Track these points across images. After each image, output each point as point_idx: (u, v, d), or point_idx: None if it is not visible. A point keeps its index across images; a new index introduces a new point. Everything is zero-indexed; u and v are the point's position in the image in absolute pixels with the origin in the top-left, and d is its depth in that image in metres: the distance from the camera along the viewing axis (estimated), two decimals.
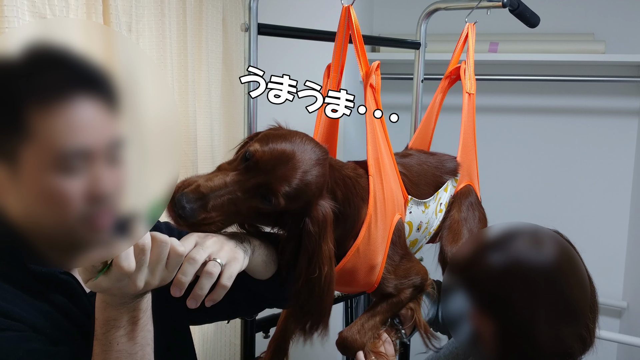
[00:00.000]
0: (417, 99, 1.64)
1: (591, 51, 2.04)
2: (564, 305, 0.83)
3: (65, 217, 0.63)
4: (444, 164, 1.29)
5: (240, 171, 0.83)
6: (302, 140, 0.88)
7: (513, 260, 0.86)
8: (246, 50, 1.17)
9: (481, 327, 0.86)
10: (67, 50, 0.62)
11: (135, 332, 0.67)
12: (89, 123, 0.62)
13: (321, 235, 0.87)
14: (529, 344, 0.81)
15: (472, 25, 1.44)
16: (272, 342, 1.19)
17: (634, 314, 2.18)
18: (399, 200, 1.10)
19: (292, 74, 1.86)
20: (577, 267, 0.86)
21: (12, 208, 0.64)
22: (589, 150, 2.25)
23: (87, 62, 0.62)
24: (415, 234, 1.18)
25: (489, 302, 0.84)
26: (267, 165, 0.82)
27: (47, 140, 0.61)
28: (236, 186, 0.81)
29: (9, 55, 0.60)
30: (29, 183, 0.62)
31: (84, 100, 0.62)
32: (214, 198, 0.79)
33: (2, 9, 1.02)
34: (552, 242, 0.88)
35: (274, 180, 0.82)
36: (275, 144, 0.84)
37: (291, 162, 0.83)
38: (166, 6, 1.44)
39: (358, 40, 1.11)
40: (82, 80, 0.62)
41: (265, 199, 0.82)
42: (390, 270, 1.07)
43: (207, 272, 0.72)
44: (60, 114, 0.61)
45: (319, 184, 0.87)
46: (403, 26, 2.21)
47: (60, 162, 0.61)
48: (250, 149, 0.83)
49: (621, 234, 2.25)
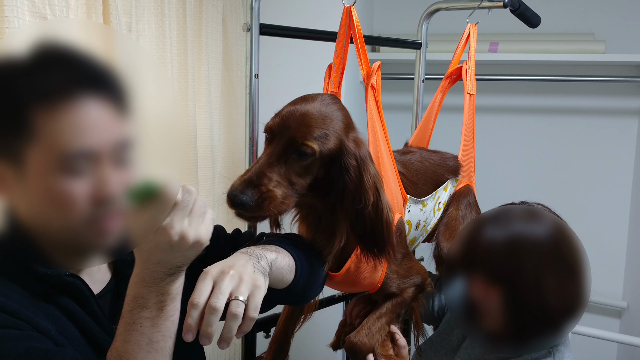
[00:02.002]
0: (417, 99, 1.64)
1: (591, 51, 2.04)
2: (566, 264, 0.90)
3: (71, 219, 0.63)
4: (447, 162, 1.29)
5: (266, 147, 0.89)
6: (305, 98, 0.92)
7: (516, 231, 0.92)
8: (247, 50, 1.17)
9: (486, 300, 0.91)
10: (72, 50, 0.61)
11: (160, 319, 0.66)
12: (95, 123, 0.62)
13: (360, 166, 0.90)
14: (537, 304, 0.87)
15: (474, 25, 1.44)
16: (272, 342, 1.19)
17: (634, 314, 2.18)
18: (399, 199, 1.10)
19: (292, 74, 1.87)
20: (571, 230, 0.94)
21: (18, 208, 0.64)
22: (589, 150, 2.25)
23: (92, 61, 0.61)
24: (414, 232, 1.18)
25: (497, 272, 0.90)
26: (282, 128, 0.87)
27: (52, 141, 0.60)
28: (269, 158, 0.86)
29: (13, 55, 0.59)
30: (34, 184, 0.62)
31: (90, 100, 0.61)
32: (257, 176, 0.84)
33: (2, 9, 1.01)
34: (544, 213, 0.97)
35: (295, 133, 0.87)
36: (282, 111, 0.91)
37: (301, 113, 0.88)
38: (166, 6, 1.44)
39: (359, 41, 1.11)
40: (87, 80, 0.62)
41: (300, 153, 0.87)
42: (393, 269, 1.07)
43: (232, 314, 0.70)
44: (65, 114, 0.60)
45: (340, 117, 0.92)
46: (404, 26, 2.21)
47: (66, 163, 0.61)
48: (265, 129, 0.90)
49: (621, 234, 2.25)
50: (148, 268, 0.65)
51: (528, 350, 0.94)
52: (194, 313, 0.68)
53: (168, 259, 0.64)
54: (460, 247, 0.98)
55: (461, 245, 0.98)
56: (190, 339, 0.69)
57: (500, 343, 0.94)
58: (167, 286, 0.67)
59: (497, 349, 0.98)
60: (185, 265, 0.67)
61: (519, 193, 2.28)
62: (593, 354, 2.24)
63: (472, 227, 1.02)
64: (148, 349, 0.64)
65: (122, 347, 0.65)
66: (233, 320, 0.70)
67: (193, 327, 0.69)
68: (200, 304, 0.68)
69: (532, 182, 2.31)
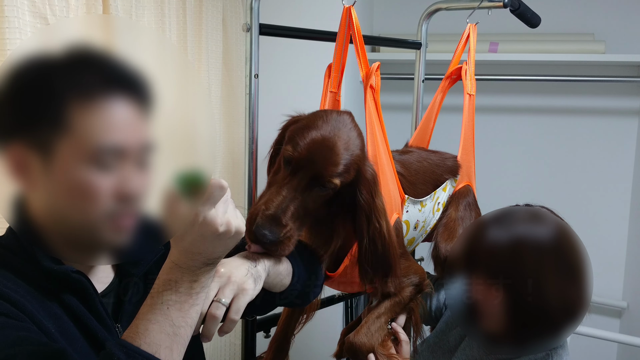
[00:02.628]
0: (417, 99, 1.64)
1: (591, 51, 2.04)
2: (568, 267, 0.90)
3: (91, 213, 0.65)
4: (446, 162, 1.29)
5: (289, 177, 0.87)
6: (326, 119, 0.91)
7: (519, 233, 0.92)
8: (247, 51, 1.17)
9: (487, 301, 0.91)
10: (108, 51, 0.64)
11: (187, 304, 0.66)
12: (125, 123, 0.65)
13: (373, 193, 0.92)
14: (538, 306, 0.86)
15: (474, 26, 1.44)
16: (272, 342, 1.19)
17: (634, 314, 2.18)
18: (397, 199, 1.10)
19: (292, 74, 1.87)
20: (574, 233, 0.95)
21: (36, 200, 0.67)
22: (589, 150, 2.25)
23: (126, 64, 0.64)
24: (412, 233, 1.18)
25: (499, 273, 0.89)
26: (308, 161, 0.86)
27: (84, 135, 0.63)
28: (293, 192, 0.86)
29: (53, 51, 0.62)
30: (60, 175, 0.64)
31: (121, 101, 0.65)
32: (283, 212, 0.84)
33: (2, 9, 1.02)
34: (547, 215, 0.97)
35: (322, 169, 0.86)
36: (305, 138, 0.88)
37: (327, 147, 0.87)
38: (166, 6, 1.44)
39: (359, 42, 1.11)
40: (120, 81, 0.65)
41: (323, 187, 0.87)
42: None
43: (210, 315, 0.72)
44: (99, 111, 0.63)
45: (358, 145, 0.92)
46: (404, 26, 2.21)
47: (95, 156, 0.64)
48: (286, 155, 0.87)
49: (621, 234, 2.25)
50: (187, 257, 0.65)
51: (527, 352, 0.94)
52: None
53: (211, 249, 0.65)
54: (462, 247, 0.98)
55: (463, 246, 0.98)
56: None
57: (500, 344, 0.94)
58: (201, 275, 0.67)
59: (496, 350, 0.98)
60: (223, 255, 0.68)
61: (518, 193, 2.29)
62: (593, 354, 2.24)
63: (474, 227, 1.02)
64: (168, 331, 0.65)
65: (143, 325, 0.65)
66: (211, 321, 0.72)
67: None
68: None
69: (532, 182, 2.31)
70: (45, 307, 0.70)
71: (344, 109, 0.97)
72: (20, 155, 0.64)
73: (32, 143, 0.64)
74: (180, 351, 0.66)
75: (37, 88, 0.63)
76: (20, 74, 0.63)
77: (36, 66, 0.63)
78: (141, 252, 0.81)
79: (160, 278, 0.67)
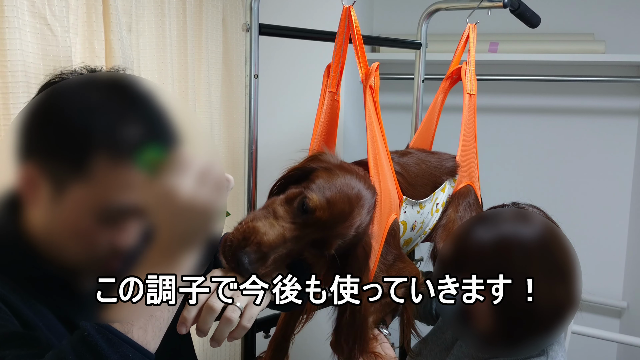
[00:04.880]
0: (417, 99, 1.64)
1: (591, 51, 2.04)
2: (555, 266, 0.89)
3: (84, 255, 0.65)
4: (444, 163, 1.29)
5: (299, 225, 0.82)
6: (358, 189, 0.87)
7: (504, 233, 0.92)
8: (247, 51, 1.17)
9: (476, 302, 0.89)
10: (151, 102, 0.62)
11: None
12: (144, 182, 0.61)
13: (363, 270, 0.90)
14: (526, 306, 0.85)
15: (474, 26, 1.44)
16: (272, 342, 1.19)
17: (634, 314, 2.18)
18: (395, 200, 1.10)
19: (292, 74, 1.87)
20: (561, 232, 0.94)
21: (36, 220, 0.65)
22: (589, 150, 2.25)
23: (163, 119, 0.62)
24: (409, 233, 1.18)
25: (486, 273, 0.88)
26: (326, 224, 0.82)
27: (101, 189, 0.61)
28: (294, 242, 0.81)
29: (98, 89, 0.61)
30: (66, 215, 0.63)
31: None
32: (274, 254, 0.79)
33: (2, 9, 1.01)
34: (533, 214, 0.97)
35: (331, 237, 0.83)
36: (333, 196, 0.84)
37: (349, 219, 0.84)
38: (166, 6, 1.44)
39: (358, 42, 1.11)
40: (154, 139, 0.62)
41: (318, 250, 0.84)
42: (383, 269, 1.07)
43: (226, 319, 0.71)
44: (124, 170, 0.60)
45: (366, 230, 0.89)
46: (404, 26, 2.21)
47: (105, 212, 0.62)
48: (309, 204, 0.82)
49: (621, 234, 2.25)
50: None
51: (520, 352, 0.94)
52: (192, 308, 0.69)
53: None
54: (450, 248, 0.98)
55: (451, 247, 0.98)
56: (183, 331, 0.71)
57: (492, 345, 0.94)
58: None
59: (488, 351, 0.98)
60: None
61: (518, 193, 2.29)
62: (593, 354, 2.24)
63: (461, 229, 1.02)
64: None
65: None
66: (225, 325, 0.71)
67: (188, 321, 0.71)
68: (200, 301, 0.69)
69: (532, 182, 2.31)
70: (31, 305, 0.69)
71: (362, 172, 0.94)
72: (33, 175, 0.62)
73: (49, 173, 0.62)
74: (156, 333, 0.64)
75: (73, 126, 0.61)
76: (62, 102, 0.61)
77: (80, 101, 0.61)
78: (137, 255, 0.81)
79: None
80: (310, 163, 0.92)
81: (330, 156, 0.95)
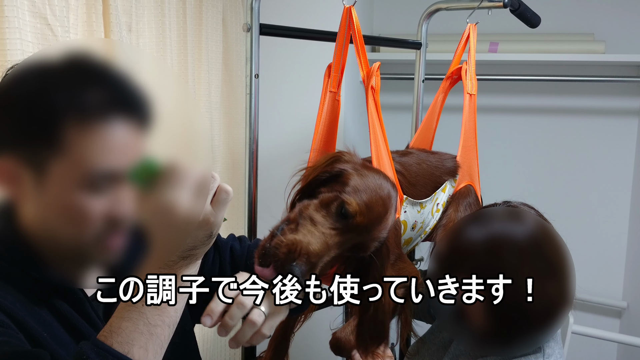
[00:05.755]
0: (418, 99, 1.64)
1: (591, 51, 2.04)
2: (546, 264, 0.88)
3: (81, 234, 0.64)
4: (444, 163, 1.29)
5: (339, 231, 0.82)
6: (388, 189, 0.89)
7: (495, 231, 0.92)
8: (248, 51, 1.17)
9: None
10: (110, 69, 0.61)
11: (164, 303, 0.64)
12: (122, 144, 0.62)
13: (384, 267, 0.92)
14: (518, 304, 0.85)
15: (474, 26, 1.44)
16: (272, 342, 1.19)
17: (634, 314, 2.18)
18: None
19: (292, 74, 1.87)
20: (553, 230, 0.94)
21: (28, 216, 0.64)
22: (589, 150, 2.25)
23: (128, 82, 0.62)
24: (409, 233, 1.18)
25: (478, 272, 0.88)
26: (365, 228, 0.84)
27: (79, 158, 0.61)
28: (337, 248, 0.82)
29: (53, 65, 0.59)
30: (52, 195, 0.62)
31: (120, 122, 0.62)
32: (321, 262, 0.80)
33: (2, 9, 1.01)
34: (525, 213, 0.97)
35: (369, 240, 0.86)
36: (370, 200, 0.84)
37: (384, 221, 0.86)
38: (166, 6, 1.44)
39: (359, 42, 1.11)
40: (122, 102, 0.62)
41: (356, 252, 0.86)
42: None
43: (251, 321, 0.71)
44: (97, 134, 0.61)
45: (395, 210, 0.91)
46: (404, 26, 2.21)
47: (89, 180, 0.61)
48: (349, 209, 0.82)
49: (621, 234, 2.25)
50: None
51: (515, 350, 0.93)
52: (220, 302, 0.69)
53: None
54: (443, 248, 0.98)
55: (445, 245, 0.98)
56: (207, 323, 0.70)
57: (486, 344, 0.94)
58: (179, 270, 0.66)
59: (483, 350, 0.98)
60: (197, 247, 0.66)
61: (518, 193, 2.28)
62: (593, 354, 2.24)
63: (454, 228, 1.02)
64: (143, 330, 0.62)
65: (116, 323, 0.63)
66: (250, 327, 0.72)
67: (215, 314, 0.70)
68: (230, 295, 0.69)
69: (532, 182, 2.31)
70: (35, 314, 0.68)
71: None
72: (12, 168, 0.62)
73: (25, 159, 0.62)
74: (157, 351, 0.63)
75: (35, 103, 0.60)
76: (18, 86, 0.61)
77: (35, 79, 0.60)
78: (133, 263, 0.81)
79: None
80: (336, 164, 0.92)
81: (353, 155, 0.95)
